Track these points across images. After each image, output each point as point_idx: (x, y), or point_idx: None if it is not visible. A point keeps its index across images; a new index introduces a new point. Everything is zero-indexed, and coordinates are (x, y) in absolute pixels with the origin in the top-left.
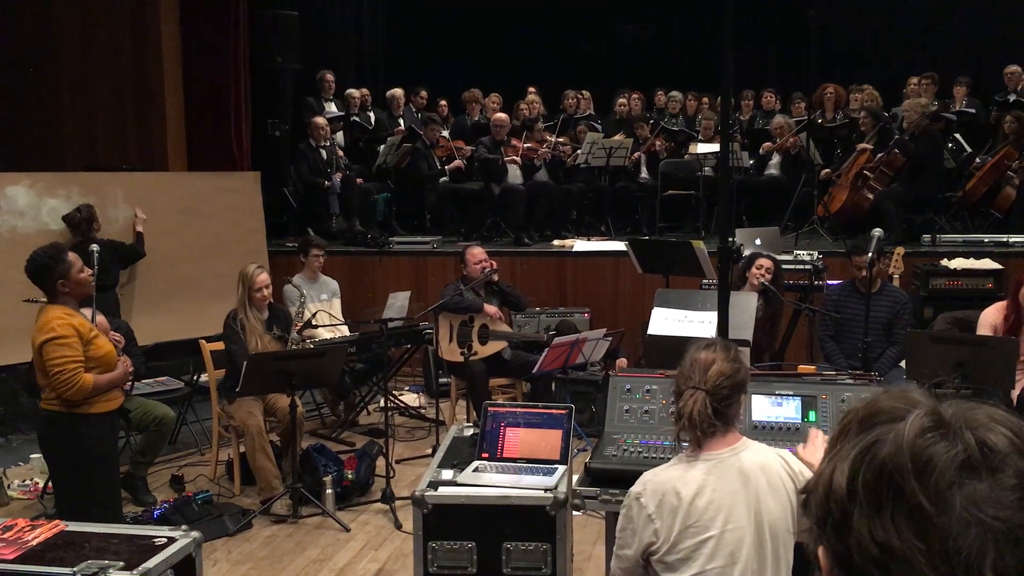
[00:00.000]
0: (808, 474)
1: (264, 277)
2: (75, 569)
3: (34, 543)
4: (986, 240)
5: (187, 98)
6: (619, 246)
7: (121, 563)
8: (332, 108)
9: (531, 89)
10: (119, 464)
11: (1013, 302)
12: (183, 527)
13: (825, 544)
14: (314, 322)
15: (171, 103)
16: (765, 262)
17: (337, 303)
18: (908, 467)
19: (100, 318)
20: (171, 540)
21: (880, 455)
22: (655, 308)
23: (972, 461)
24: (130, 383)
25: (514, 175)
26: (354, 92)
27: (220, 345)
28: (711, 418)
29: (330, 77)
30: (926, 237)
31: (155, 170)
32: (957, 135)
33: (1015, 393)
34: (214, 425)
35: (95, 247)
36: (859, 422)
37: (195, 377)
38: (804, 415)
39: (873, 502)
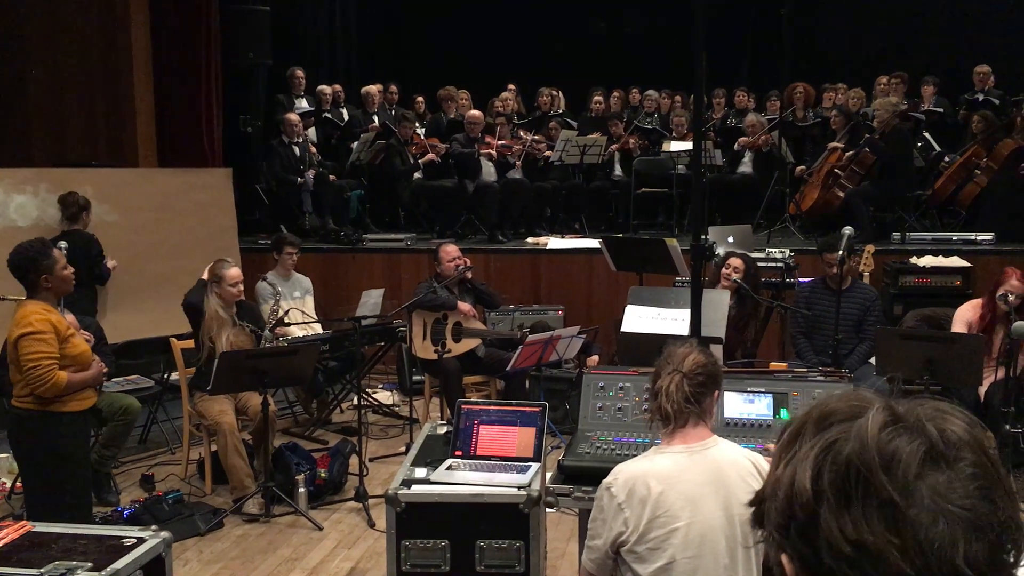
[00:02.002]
0: None
1: (236, 272)
2: (42, 571)
3: (0, 544)
4: (954, 238)
5: (157, 93)
6: (593, 244)
7: (89, 564)
8: (303, 104)
9: (510, 86)
10: (90, 464)
11: (990, 301)
12: (153, 527)
13: (789, 551)
14: (287, 320)
15: (141, 98)
16: (735, 261)
17: (310, 301)
18: (875, 461)
19: (70, 317)
20: (140, 540)
21: (844, 452)
22: (629, 306)
23: (934, 452)
24: (102, 381)
25: (488, 172)
26: (326, 88)
27: (191, 343)
28: (687, 398)
29: (300, 73)
30: (896, 235)
31: (125, 166)
32: (926, 134)
33: (982, 389)
34: (185, 424)
35: (63, 244)
36: (814, 423)
37: (166, 375)
38: (776, 412)
39: (842, 500)
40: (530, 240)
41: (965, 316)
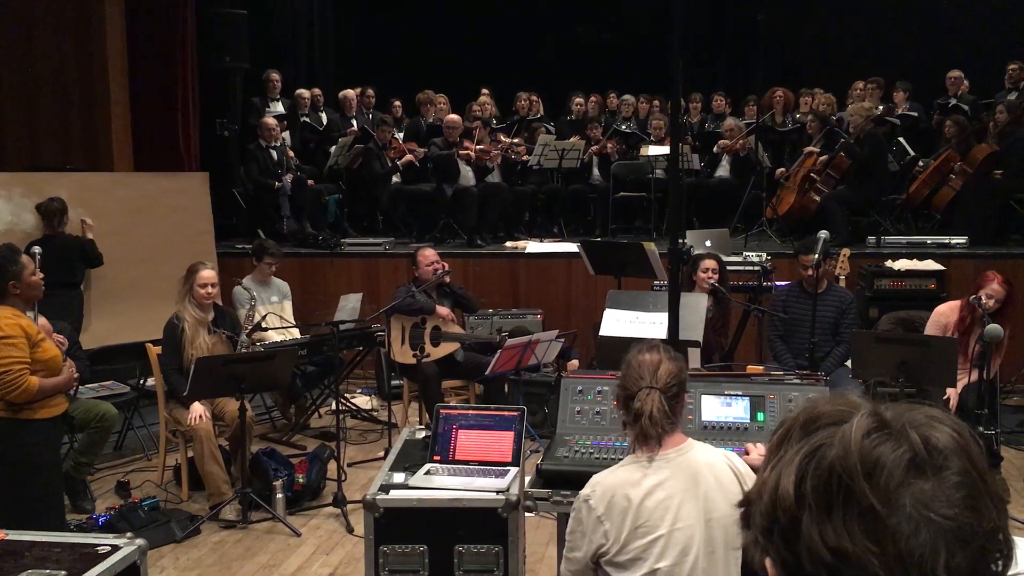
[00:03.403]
0: (753, 476)
1: (209, 274)
2: None
3: None
4: (929, 242)
5: (133, 97)
6: (571, 247)
7: (63, 572)
8: (278, 107)
9: (484, 91)
10: (61, 471)
11: (968, 304)
12: (128, 534)
13: (772, 555)
14: (264, 324)
15: (116, 102)
16: (710, 263)
17: (288, 305)
18: (857, 468)
19: (42, 320)
20: (115, 548)
21: (827, 458)
22: (607, 309)
23: (918, 460)
24: (74, 387)
25: (467, 177)
26: (304, 92)
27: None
28: (667, 415)
29: (275, 76)
30: (871, 239)
31: (100, 170)
32: (901, 139)
33: (956, 392)
34: (161, 430)
35: (36, 249)
36: (800, 427)
37: (142, 381)
38: (753, 415)
39: (823, 506)
40: (509, 244)
41: (942, 318)
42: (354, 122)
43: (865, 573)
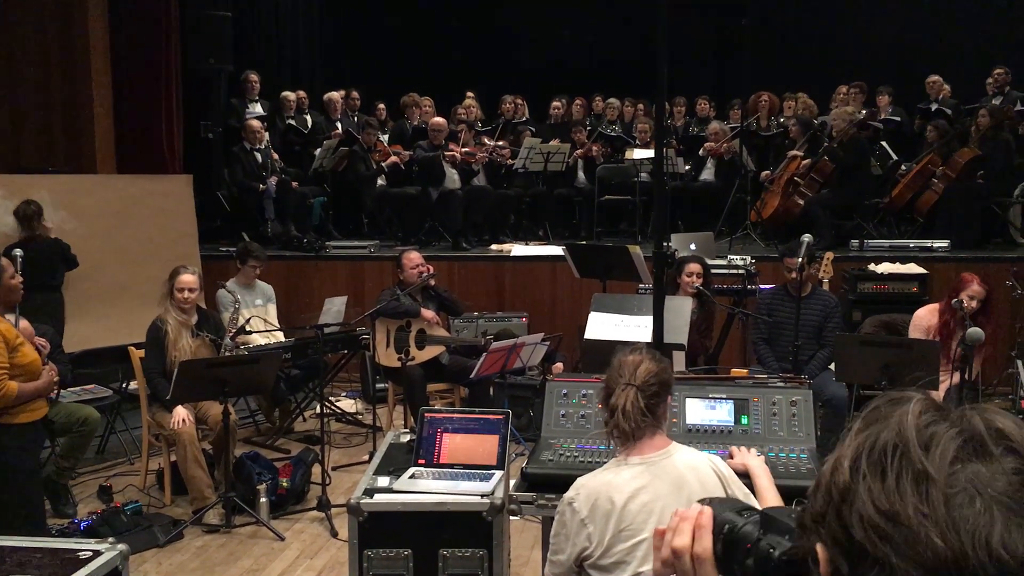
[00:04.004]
0: (736, 479)
1: (189, 278)
2: None
3: None
4: (911, 245)
5: (116, 99)
6: (557, 251)
7: None
8: (257, 109)
9: (469, 94)
10: (41, 476)
11: (948, 306)
12: (110, 539)
13: (824, 536)
14: (248, 328)
15: (100, 104)
16: (695, 267)
17: (272, 308)
18: (913, 440)
19: (24, 323)
20: (96, 553)
21: (883, 436)
22: (592, 313)
23: (974, 443)
24: (56, 391)
25: (452, 180)
26: (289, 95)
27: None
28: (643, 412)
29: (254, 77)
30: (854, 242)
31: (83, 172)
32: (883, 143)
33: (938, 394)
34: (144, 434)
35: (18, 252)
36: (861, 418)
37: (124, 385)
38: (737, 418)
39: (877, 472)
40: (494, 247)
41: (923, 321)
42: (339, 124)
43: (916, 538)
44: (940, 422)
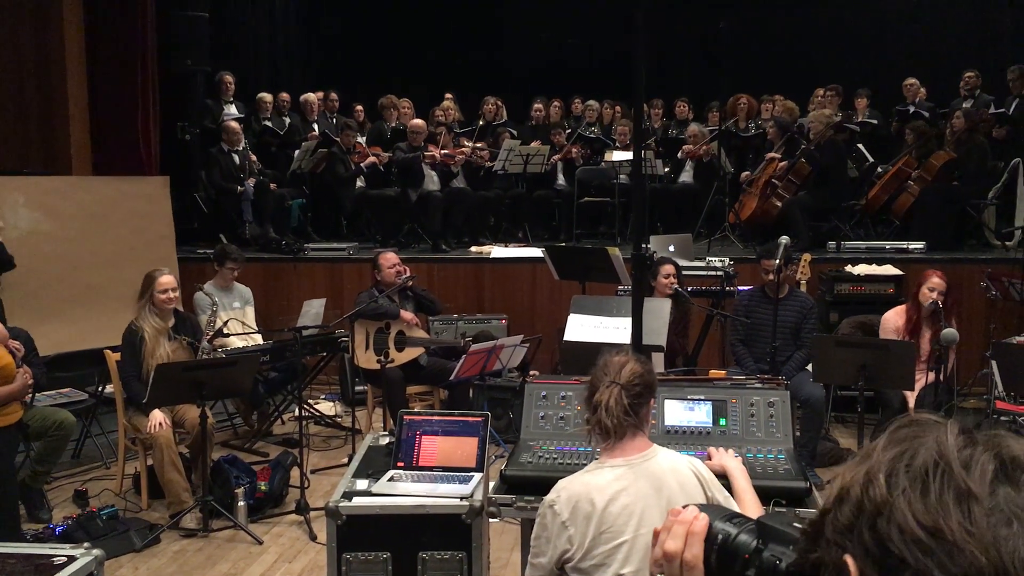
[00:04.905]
0: (716, 482)
1: (169, 279)
2: None
3: None
4: (887, 247)
5: (92, 100)
6: (536, 253)
7: None
8: (232, 110)
9: (447, 95)
10: (16, 481)
11: (913, 304)
12: (85, 544)
13: (855, 549)
14: (226, 330)
15: (75, 104)
16: (670, 268)
17: (250, 311)
18: (955, 459)
19: None
20: (71, 559)
21: (920, 454)
22: (571, 314)
23: (1006, 467)
24: (30, 394)
25: (431, 181)
26: (266, 96)
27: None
28: (625, 411)
29: (229, 78)
30: (831, 244)
31: (58, 174)
32: (860, 145)
33: (913, 394)
34: (120, 437)
35: None
36: (887, 436)
37: (100, 388)
38: (715, 420)
39: (919, 488)
40: (473, 249)
41: (891, 323)
42: (315, 126)
43: (961, 553)
44: (975, 446)
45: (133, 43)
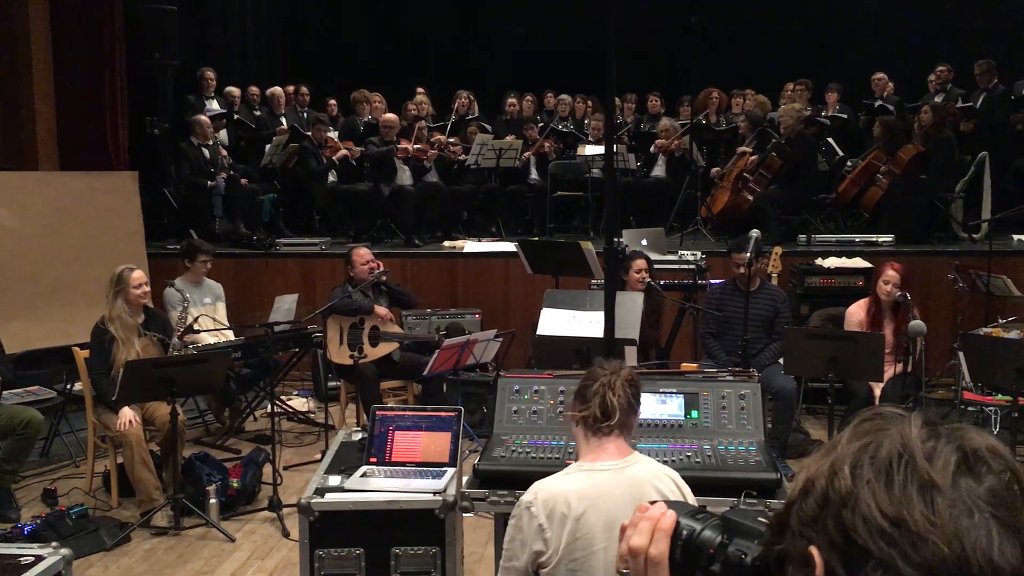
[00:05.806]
0: (692, 496)
1: (139, 274)
2: None
3: None
4: (857, 240)
5: (58, 94)
6: (509, 247)
7: None
8: (214, 106)
9: (420, 90)
10: None
11: (874, 296)
12: (54, 544)
13: (819, 540)
14: (197, 327)
15: (41, 99)
16: (642, 263)
17: (222, 307)
18: (918, 451)
19: None
20: (39, 558)
21: (884, 446)
22: (544, 309)
23: (968, 460)
24: None
25: (404, 176)
26: (234, 90)
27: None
28: (629, 400)
29: (210, 74)
30: (802, 237)
31: (24, 169)
32: (830, 139)
33: (881, 384)
34: (89, 435)
35: None
36: (852, 428)
37: (68, 386)
38: (687, 412)
39: (883, 479)
40: (447, 244)
41: (855, 317)
42: (283, 120)
43: (924, 543)
44: (938, 438)
45: (100, 38)
